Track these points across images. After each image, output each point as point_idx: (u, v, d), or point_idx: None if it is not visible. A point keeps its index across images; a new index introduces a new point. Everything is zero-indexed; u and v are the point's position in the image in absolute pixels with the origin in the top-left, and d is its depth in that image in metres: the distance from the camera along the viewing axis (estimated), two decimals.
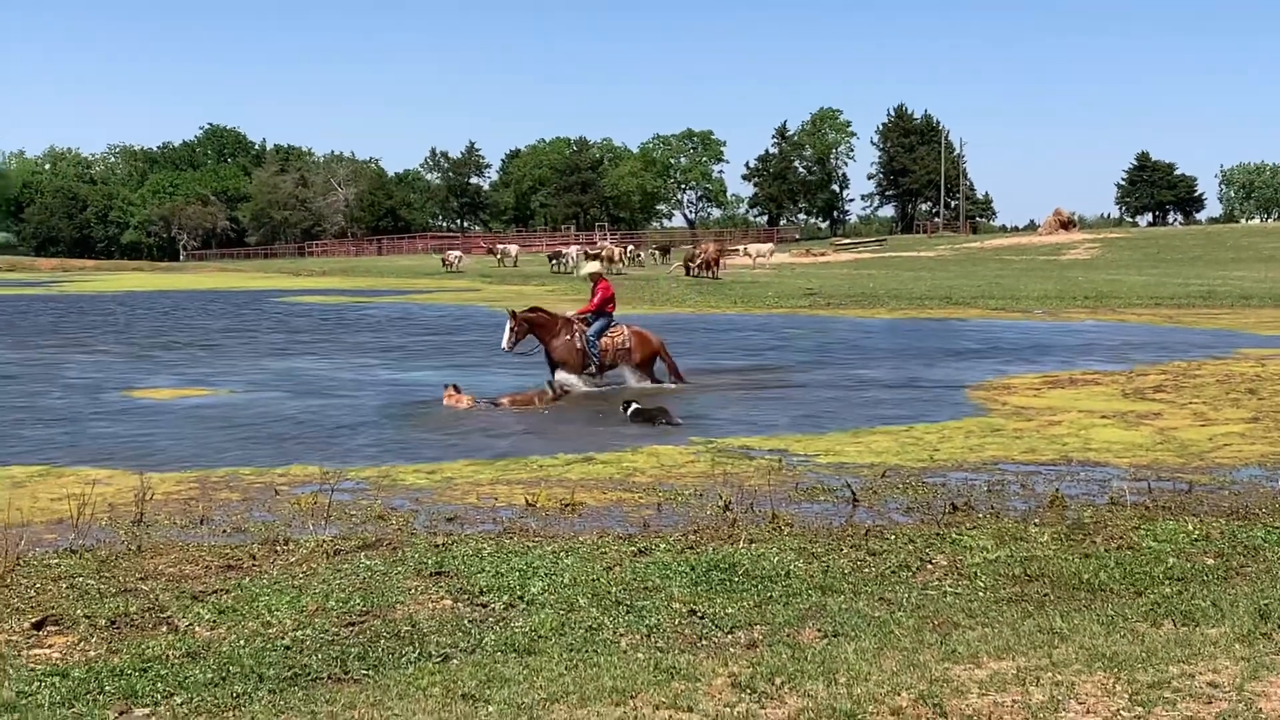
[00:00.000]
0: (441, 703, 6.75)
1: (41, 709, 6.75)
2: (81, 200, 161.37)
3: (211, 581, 9.45)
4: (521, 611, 8.56)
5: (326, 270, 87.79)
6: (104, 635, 8.14)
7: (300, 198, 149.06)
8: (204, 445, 16.48)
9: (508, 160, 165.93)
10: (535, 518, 11.80)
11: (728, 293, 53.32)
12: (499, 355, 24.00)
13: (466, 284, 65.82)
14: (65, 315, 45.39)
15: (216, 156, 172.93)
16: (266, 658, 7.58)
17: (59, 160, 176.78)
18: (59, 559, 10.15)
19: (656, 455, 15.22)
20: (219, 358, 29.14)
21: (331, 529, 11.26)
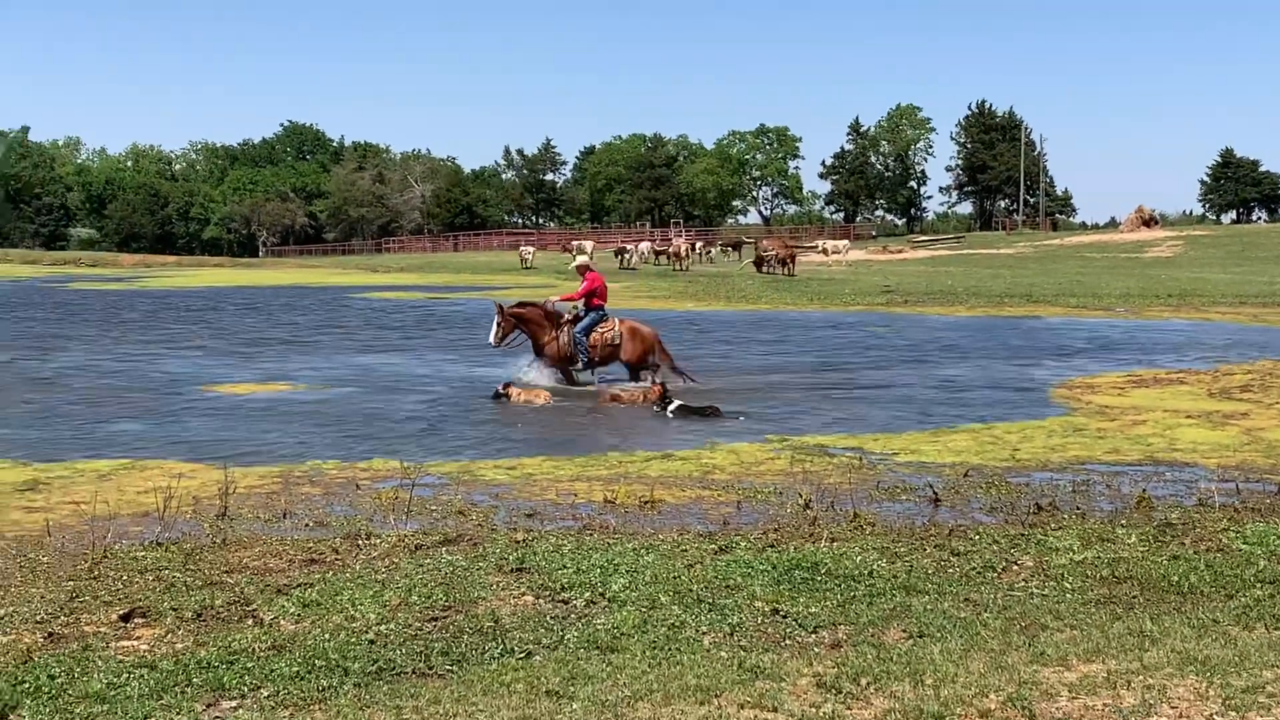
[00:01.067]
0: (525, 699, 6.75)
1: (130, 700, 6.81)
2: (163, 197, 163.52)
3: (295, 575, 9.52)
4: (603, 608, 8.55)
5: (403, 267, 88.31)
6: (191, 628, 8.21)
7: (377, 195, 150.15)
8: (286, 440, 16.62)
9: (583, 157, 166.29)
10: (615, 514, 11.79)
11: (804, 290, 53.07)
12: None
13: (542, 280, 65.96)
14: (149, 311, 45.99)
15: (296, 153, 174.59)
16: (351, 651, 7.61)
17: (141, 157, 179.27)
18: (145, 551, 10.27)
19: (736, 453, 15.17)
20: (299, 353, 29.39)
21: (412, 524, 11.31)
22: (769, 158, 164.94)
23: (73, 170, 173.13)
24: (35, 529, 11.19)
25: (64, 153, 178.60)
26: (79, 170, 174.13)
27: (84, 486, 13.16)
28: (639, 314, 41.66)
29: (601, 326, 22.58)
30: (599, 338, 22.46)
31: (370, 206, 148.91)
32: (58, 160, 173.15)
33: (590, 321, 22.52)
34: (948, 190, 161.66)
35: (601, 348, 22.47)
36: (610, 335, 22.52)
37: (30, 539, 10.83)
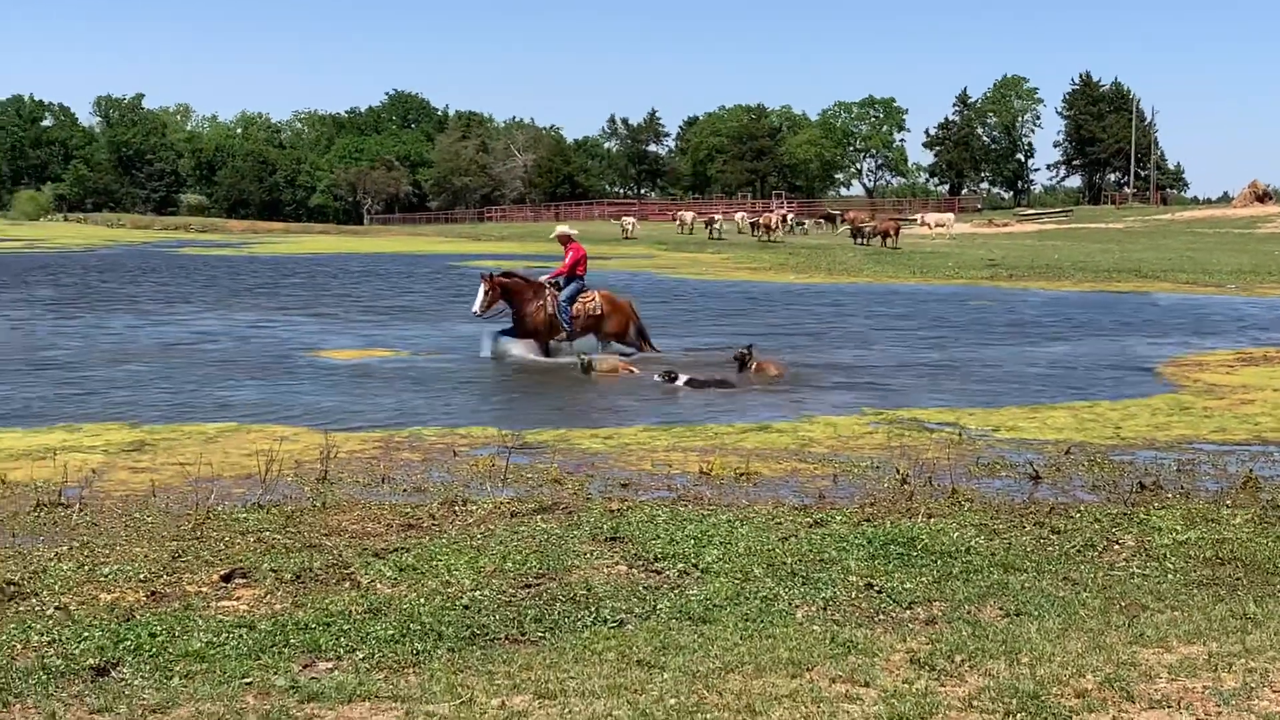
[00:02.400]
0: (616, 668, 6.77)
1: (229, 660, 6.92)
2: (271, 164, 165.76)
3: (392, 540, 9.61)
4: (696, 579, 8.54)
5: (505, 236, 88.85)
6: (289, 589, 8.32)
7: (480, 164, 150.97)
8: (387, 406, 16.79)
9: (686, 127, 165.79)
10: (710, 486, 11.76)
11: (906, 262, 52.59)
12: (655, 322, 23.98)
13: (642, 250, 66.02)
14: (256, 277, 46.68)
15: (400, 122, 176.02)
16: (445, 616, 7.67)
17: (250, 125, 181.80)
18: (247, 513, 10.42)
19: (834, 426, 15.07)
20: (402, 320, 29.68)
21: (509, 491, 11.37)
22: (873, 129, 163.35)
23: (183, 137, 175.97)
24: (141, 489, 11.41)
25: (175, 120, 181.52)
26: (189, 137, 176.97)
27: (189, 448, 13.39)
28: (739, 286, 41.61)
29: (583, 297, 22.26)
30: (581, 308, 22.14)
31: (473, 175, 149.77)
32: (169, 127, 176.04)
33: (573, 291, 22.17)
34: (1055, 165, 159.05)
35: (584, 318, 22.18)
36: (592, 306, 22.25)
37: (136, 499, 11.05)
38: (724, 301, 35.64)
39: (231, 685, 6.53)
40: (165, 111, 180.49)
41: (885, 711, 6.17)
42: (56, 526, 10.02)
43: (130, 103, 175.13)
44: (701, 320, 29.98)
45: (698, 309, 33.29)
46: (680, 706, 6.20)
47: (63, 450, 12.95)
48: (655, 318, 29.14)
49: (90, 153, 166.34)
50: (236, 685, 6.54)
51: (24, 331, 26.18)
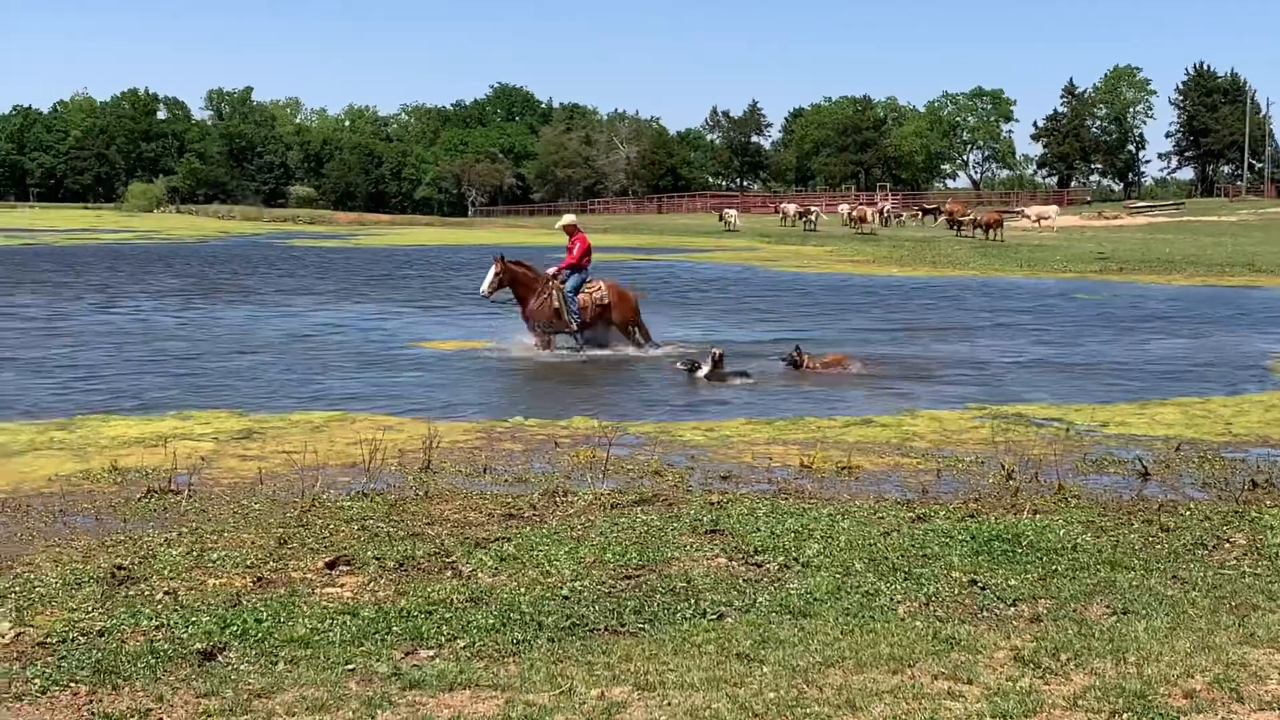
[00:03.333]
0: (716, 660, 6.74)
1: (333, 646, 7.00)
2: (377, 157, 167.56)
3: (494, 529, 9.66)
4: (796, 573, 8.48)
5: (607, 228, 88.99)
6: (392, 577, 8.40)
7: (584, 156, 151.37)
8: (489, 396, 16.94)
9: (790, 119, 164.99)
10: (811, 479, 11.70)
11: (1013, 256, 51.94)
12: (763, 313, 23.85)
13: (745, 243, 65.85)
14: (366, 268, 47.21)
15: (505, 115, 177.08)
16: (545, 606, 7.70)
17: (357, 118, 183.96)
18: (351, 501, 10.54)
19: (938, 420, 14.93)
20: (506, 311, 29.83)
21: (609, 483, 11.39)
22: (981, 120, 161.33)
23: (292, 130, 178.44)
24: (249, 477, 11.59)
25: (285, 113, 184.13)
26: (298, 130, 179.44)
27: (296, 437, 13.58)
28: (841, 279, 41.35)
29: (588, 287, 21.75)
30: (587, 298, 21.61)
31: (576, 167, 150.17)
32: (279, 120, 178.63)
33: (577, 281, 21.64)
34: (1167, 157, 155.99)
35: (591, 308, 21.64)
36: (599, 296, 21.70)
37: (243, 486, 11.22)
38: (840, 295, 35.43)
39: (335, 671, 6.61)
40: (275, 105, 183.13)
41: (988, 709, 6.09)
42: (166, 513, 10.21)
43: (241, 96, 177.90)
44: (828, 313, 29.83)
45: (821, 302, 33.12)
46: (780, 701, 6.16)
47: (174, 438, 13.20)
48: (781, 311, 29.15)
49: (202, 146, 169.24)
50: (340, 671, 6.61)
51: (147, 321, 26.71)
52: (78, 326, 25.49)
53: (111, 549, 8.99)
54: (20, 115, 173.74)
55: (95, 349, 21.70)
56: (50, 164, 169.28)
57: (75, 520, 10.00)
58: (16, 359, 20.27)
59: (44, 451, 12.71)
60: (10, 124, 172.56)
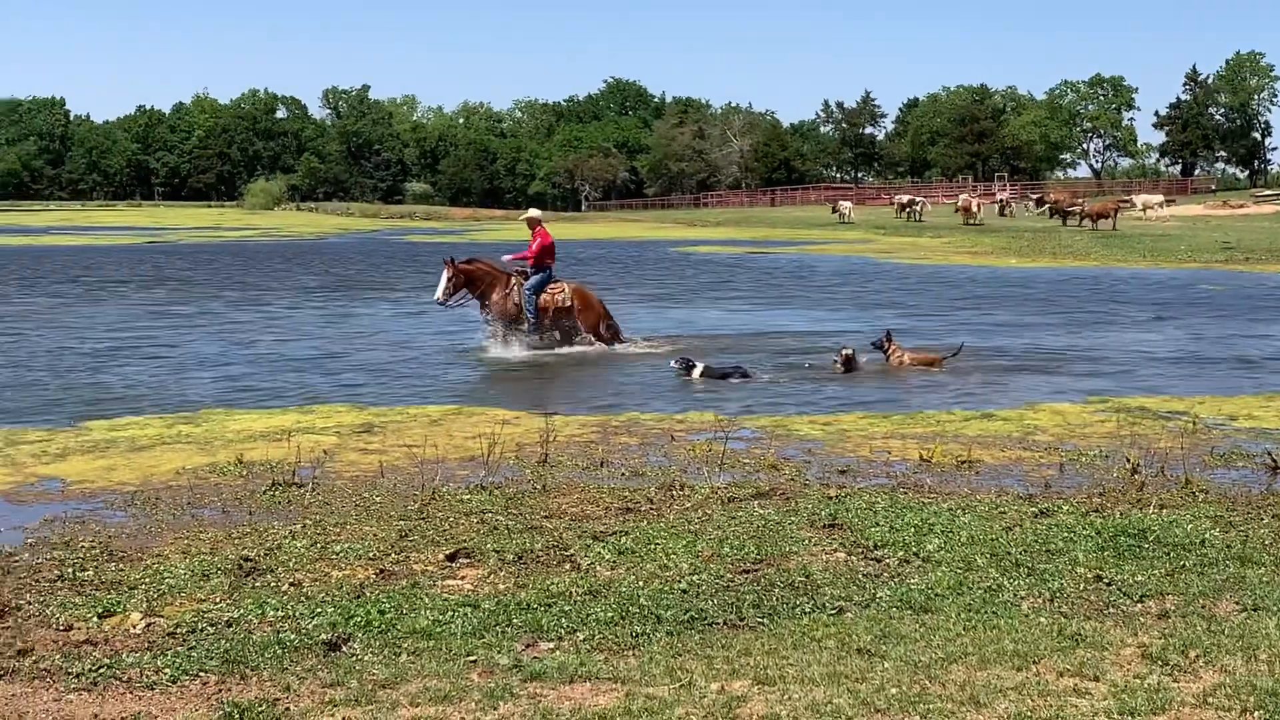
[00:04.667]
0: (836, 656, 6.69)
1: (454, 638, 7.06)
2: (492, 153, 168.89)
3: (611, 523, 9.68)
4: (917, 568, 8.39)
5: (720, 221, 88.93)
6: (512, 570, 8.45)
7: (697, 149, 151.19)
8: (604, 390, 16.97)
9: (905, 110, 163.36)
10: (930, 473, 11.57)
11: (1135, 245, 50.99)
12: (866, 309, 23.63)
13: (860, 235, 65.37)
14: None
15: (618, 109, 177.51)
16: (664, 600, 7.70)
17: (472, 115, 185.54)
18: (470, 495, 10.63)
19: (1061, 414, 14.68)
20: (619, 305, 29.92)
21: (725, 476, 11.36)
22: (1101, 109, 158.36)
23: (408, 127, 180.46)
24: (370, 470, 11.74)
25: (402, 110, 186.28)
26: (414, 127, 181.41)
27: (415, 431, 13.73)
28: (958, 270, 40.89)
29: (551, 288, 21.10)
30: (549, 299, 20.96)
31: (689, 161, 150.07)
32: (395, 118, 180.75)
33: (540, 281, 20.99)
34: None
35: (553, 311, 21.00)
36: (561, 298, 21.06)
37: (365, 479, 11.37)
38: (982, 287, 35.05)
39: (457, 663, 6.66)
40: (392, 103, 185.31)
41: (1115, 706, 5.98)
42: (290, 505, 10.37)
43: (358, 94, 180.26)
44: (958, 308, 29.54)
45: (961, 296, 32.81)
46: (902, 696, 6.10)
47: (296, 431, 13.41)
48: (908, 304, 28.94)
49: (320, 144, 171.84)
50: (462, 663, 6.66)
51: (282, 317, 27.20)
52: (219, 322, 26.02)
53: (238, 541, 9.16)
54: (145, 116, 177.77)
55: (220, 343, 22.12)
56: (174, 163, 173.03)
57: (203, 513, 10.21)
58: (153, 354, 20.72)
59: (172, 445, 12.99)
60: (135, 124, 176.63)
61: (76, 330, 24.38)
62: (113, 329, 24.69)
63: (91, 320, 26.32)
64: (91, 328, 24.83)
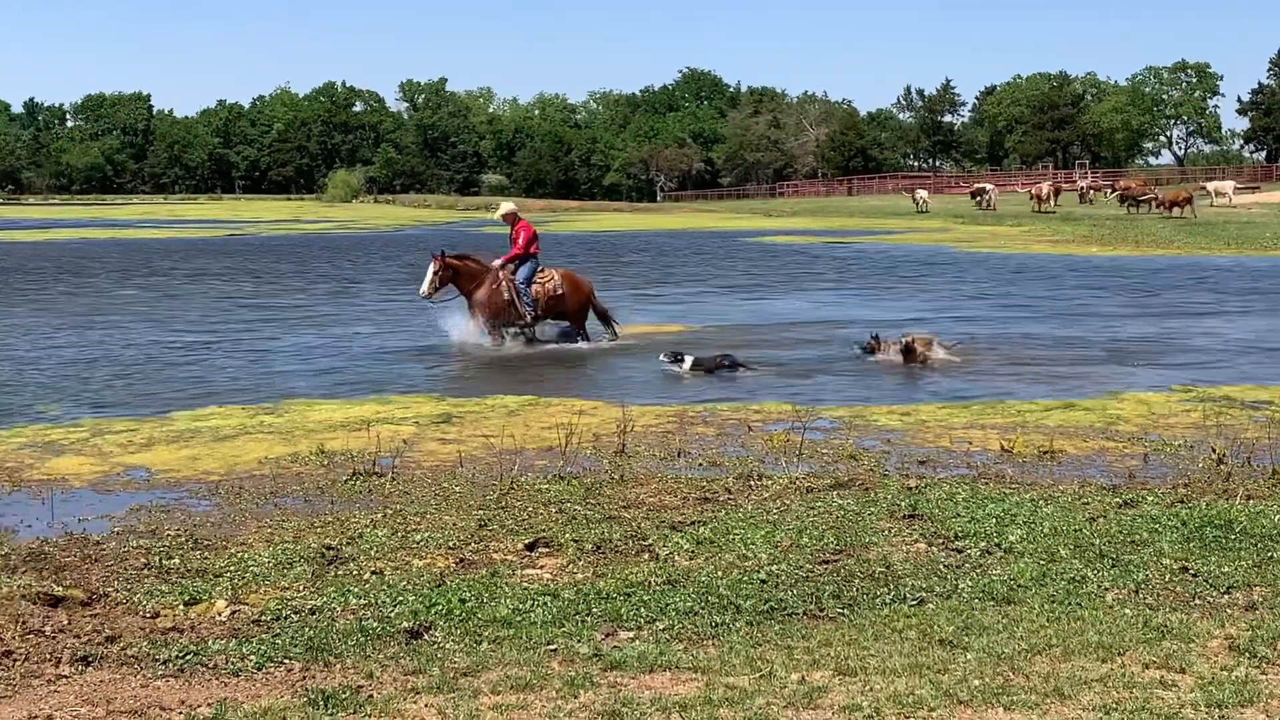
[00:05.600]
0: (918, 647, 6.65)
1: (535, 626, 7.09)
2: (567, 144, 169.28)
3: (689, 513, 9.68)
4: (999, 559, 8.32)
5: (796, 211, 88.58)
6: (590, 559, 8.47)
7: (772, 139, 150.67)
8: (678, 380, 16.96)
9: (983, 97, 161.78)
10: (1011, 464, 11.46)
11: (1219, 234, 50.21)
12: (955, 296, 23.42)
13: (938, 224, 64.86)
14: (555, 255, 47.73)
15: (694, 100, 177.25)
16: (743, 590, 7.68)
17: (547, 106, 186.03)
18: (549, 484, 10.67)
19: (1146, 404, 14.50)
20: (693, 294, 29.93)
21: (803, 466, 11.32)
22: (1185, 95, 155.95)
23: (485, 120, 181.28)
24: (449, 460, 11.81)
25: (478, 102, 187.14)
26: (490, 119, 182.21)
27: (493, 421, 13.79)
28: (1046, 259, 40.47)
29: (540, 276, 20.55)
30: (540, 289, 20.39)
31: (765, 151, 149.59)
32: (471, 110, 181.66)
33: (529, 271, 20.45)
34: None
35: (545, 300, 20.42)
36: (552, 286, 20.49)
37: (444, 469, 11.44)
38: (1081, 275, 34.72)
39: (537, 651, 6.69)
40: (468, 95, 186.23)
41: (1202, 698, 5.90)
42: (371, 495, 10.46)
43: (434, 87, 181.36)
44: (1053, 297, 29.28)
45: (1057, 286, 32.53)
46: (985, 688, 6.05)
47: (376, 422, 13.51)
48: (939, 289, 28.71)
49: (397, 136, 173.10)
50: (542, 651, 6.69)
51: (371, 309, 27.45)
52: (299, 314, 26.29)
53: (320, 530, 9.25)
54: (225, 111, 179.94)
55: (304, 334, 22.34)
56: (254, 157, 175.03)
57: (285, 502, 10.32)
58: (237, 346, 20.98)
59: (254, 435, 13.14)
60: (216, 119, 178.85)
61: (165, 322, 24.72)
62: (200, 321, 25.00)
63: (179, 312, 26.65)
64: (180, 320, 25.15)
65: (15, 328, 23.56)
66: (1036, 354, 19.06)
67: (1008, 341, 20.54)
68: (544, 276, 20.62)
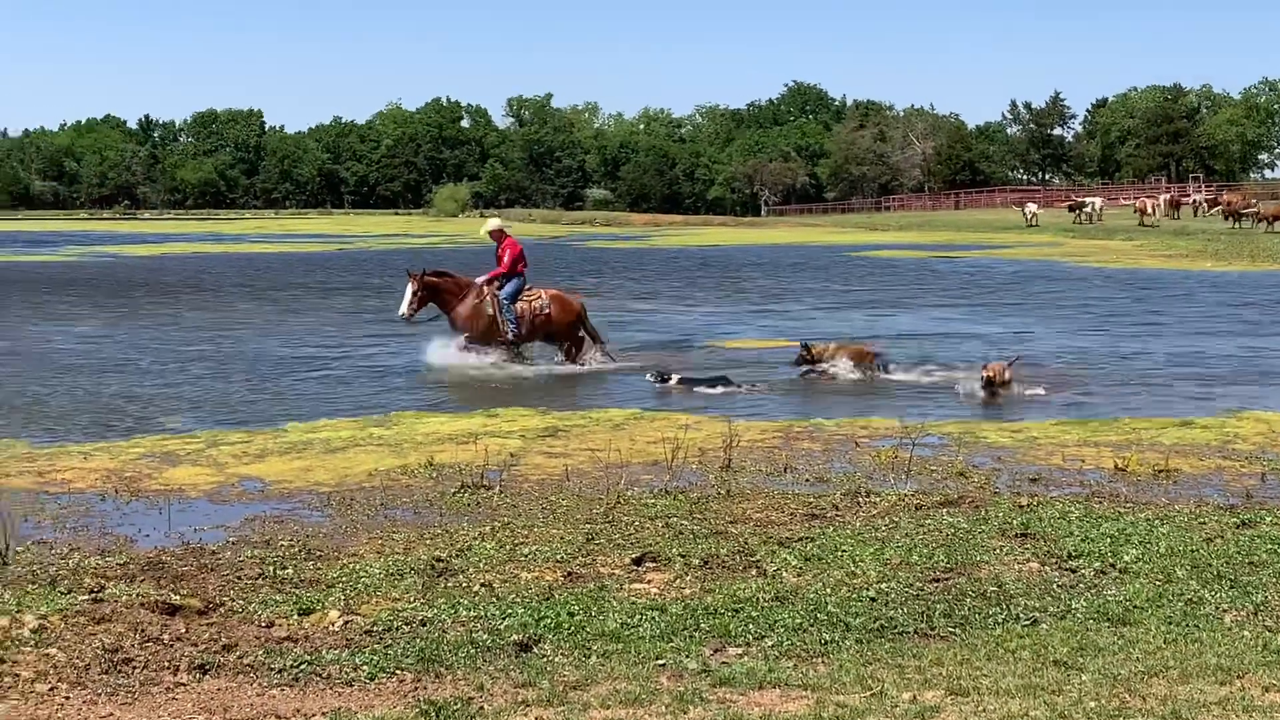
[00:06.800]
0: (1031, 667, 6.56)
1: (643, 641, 7.09)
2: (671, 159, 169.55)
3: (796, 529, 9.64)
4: (1114, 579, 8.19)
5: (902, 225, 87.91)
6: (698, 574, 8.46)
7: (878, 153, 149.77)
8: (786, 396, 16.90)
9: (1093, 110, 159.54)
10: (1126, 483, 11.28)
11: None
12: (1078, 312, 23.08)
13: (1048, 238, 64.00)
14: (659, 267, 47.83)
15: (799, 113, 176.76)
16: (852, 607, 7.63)
17: (652, 121, 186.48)
18: (655, 499, 10.68)
19: (1264, 421, 14.20)
20: (801, 310, 29.82)
21: (912, 483, 11.23)
22: None
23: (590, 134, 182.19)
24: (555, 473, 11.87)
25: (583, 117, 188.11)
26: (596, 134, 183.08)
27: (599, 435, 13.84)
28: (1153, 273, 39.80)
29: (527, 295, 19.99)
30: (526, 307, 19.82)
31: (870, 165, 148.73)
32: (577, 125, 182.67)
33: (515, 289, 19.90)
34: None
35: (530, 318, 19.84)
36: (539, 304, 19.89)
37: (551, 483, 11.50)
38: (1212, 291, 34.18)
39: (646, 666, 6.69)
40: (574, 110, 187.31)
41: None
42: (479, 507, 10.55)
43: (540, 102, 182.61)
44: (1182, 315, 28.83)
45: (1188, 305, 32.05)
46: (1100, 710, 5.95)
47: (483, 435, 13.63)
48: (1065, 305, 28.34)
49: (503, 151, 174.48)
50: (650, 666, 6.69)
51: None
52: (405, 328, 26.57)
53: (430, 541, 9.34)
54: (336, 127, 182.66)
55: (406, 348, 22.56)
56: (362, 172, 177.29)
57: (395, 513, 10.44)
58: (347, 359, 21.26)
59: (364, 447, 13.30)
60: (326, 134, 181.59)
61: (281, 335, 25.11)
62: (315, 332, 25.33)
63: (297, 326, 27.01)
64: (296, 332, 25.51)
65: (137, 342, 24.06)
66: (1151, 371, 18.73)
67: (1119, 358, 20.23)
68: (531, 295, 20.09)
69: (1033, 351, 20.20)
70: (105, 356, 21.64)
